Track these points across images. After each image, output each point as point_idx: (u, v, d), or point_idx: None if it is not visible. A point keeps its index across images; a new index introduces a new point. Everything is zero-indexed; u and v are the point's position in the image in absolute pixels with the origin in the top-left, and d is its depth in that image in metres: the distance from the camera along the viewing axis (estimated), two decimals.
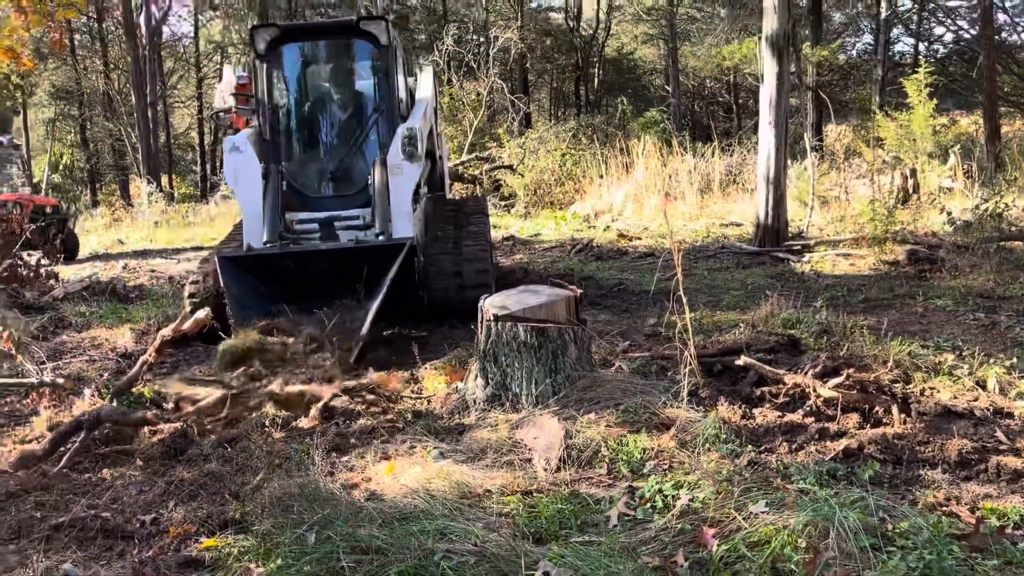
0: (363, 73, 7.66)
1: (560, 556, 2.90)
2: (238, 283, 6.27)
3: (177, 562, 3.07)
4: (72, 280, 10.36)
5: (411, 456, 3.93)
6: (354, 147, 7.44)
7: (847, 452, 3.70)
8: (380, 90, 7.43)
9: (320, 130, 7.79)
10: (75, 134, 34.72)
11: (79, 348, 6.90)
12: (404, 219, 6.79)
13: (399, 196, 6.81)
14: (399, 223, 6.76)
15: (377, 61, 7.40)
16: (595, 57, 33.58)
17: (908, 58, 32.35)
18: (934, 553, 2.72)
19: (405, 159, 6.80)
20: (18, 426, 4.89)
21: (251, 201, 6.90)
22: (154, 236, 18.51)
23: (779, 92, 10.33)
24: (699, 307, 6.84)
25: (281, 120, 7.45)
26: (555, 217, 15.46)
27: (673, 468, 3.61)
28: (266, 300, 6.38)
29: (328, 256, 6.41)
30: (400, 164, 6.81)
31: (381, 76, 7.41)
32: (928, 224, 10.51)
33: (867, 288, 7.73)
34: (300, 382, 4.96)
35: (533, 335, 4.46)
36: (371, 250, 6.35)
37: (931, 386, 4.50)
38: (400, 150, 6.80)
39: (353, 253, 6.36)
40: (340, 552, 2.95)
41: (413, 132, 6.85)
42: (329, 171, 7.37)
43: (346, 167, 7.40)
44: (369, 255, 6.30)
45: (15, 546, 3.26)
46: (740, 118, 31.83)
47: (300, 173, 7.42)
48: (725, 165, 16.67)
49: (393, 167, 6.82)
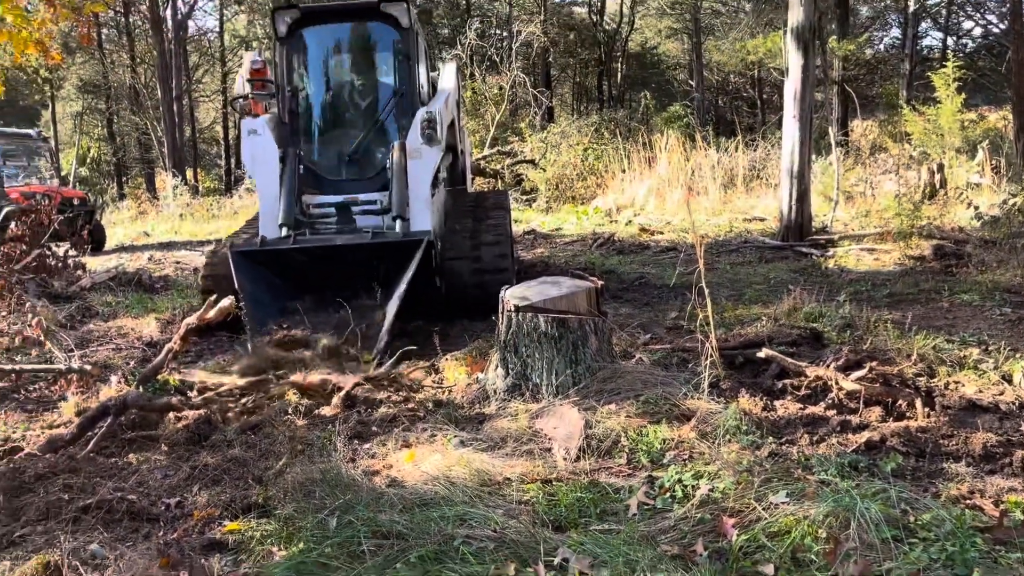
0: (384, 56, 7.58)
1: (579, 543, 2.91)
2: (252, 279, 6.19)
3: (201, 544, 3.11)
4: (99, 271, 10.49)
5: (432, 444, 3.95)
6: (373, 130, 7.36)
7: (869, 444, 3.68)
8: (400, 73, 7.35)
9: (339, 112, 7.70)
10: (102, 127, 35.15)
11: (106, 337, 7.00)
12: (422, 206, 6.69)
13: (417, 181, 6.71)
14: (417, 210, 6.66)
15: (398, 44, 7.31)
16: (618, 51, 33.46)
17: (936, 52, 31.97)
18: (957, 545, 2.70)
19: (424, 143, 6.71)
20: (47, 411, 4.98)
21: (268, 184, 6.86)
22: (179, 228, 18.71)
23: (804, 86, 10.24)
24: (721, 301, 6.82)
25: (300, 102, 7.40)
26: (577, 212, 15.44)
27: (693, 458, 3.60)
28: (281, 295, 6.32)
29: (344, 251, 6.32)
30: (419, 148, 6.73)
31: (402, 59, 7.33)
32: (955, 219, 10.39)
33: (892, 283, 7.66)
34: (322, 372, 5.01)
35: (554, 326, 4.46)
36: (388, 246, 6.27)
37: (956, 380, 4.46)
38: (419, 134, 6.72)
39: (369, 248, 6.28)
40: (361, 536, 2.98)
41: (432, 116, 6.76)
42: (347, 153, 7.28)
43: (364, 150, 7.31)
44: (386, 250, 6.23)
45: (43, 526, 3.32)
46: (764, 113, 31.60)
47: (318, 155, 7.36)
48: (749, 160, 16.57)
49: (412, 151, 6.73)
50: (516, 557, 2.82)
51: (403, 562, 2.81)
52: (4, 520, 3.36)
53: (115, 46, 33.60)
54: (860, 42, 25.35)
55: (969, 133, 16.86)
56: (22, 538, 3.25)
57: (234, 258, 6.19)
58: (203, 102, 37.31)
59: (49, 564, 2.93)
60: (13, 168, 15.55)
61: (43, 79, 30.52)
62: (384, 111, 7.33)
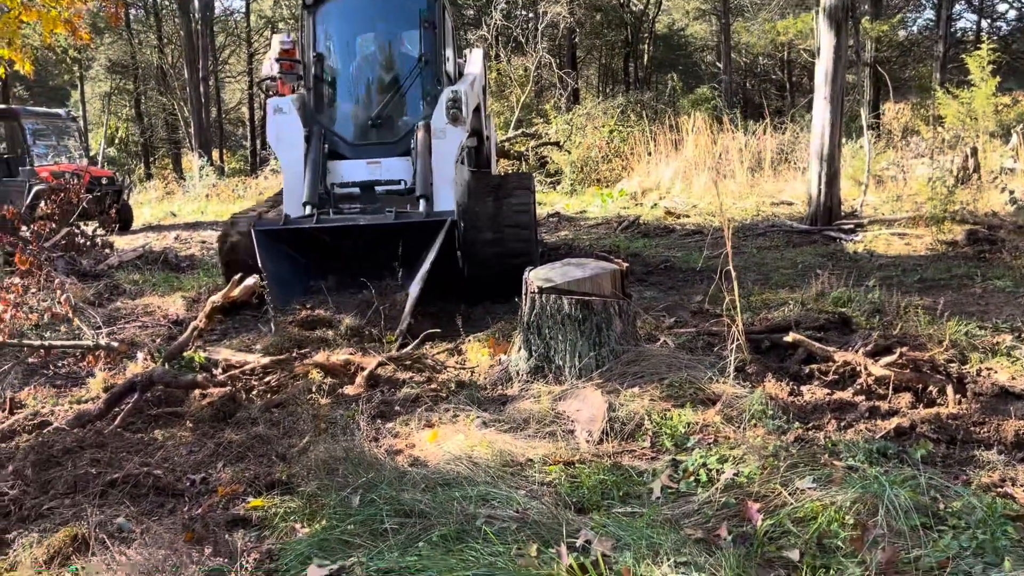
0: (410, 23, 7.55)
1: (602, 525, 2.89)
2: (274, 258, 6.20)
3: (225, 520, 3.13)
4: (126, 249, 10.60)
5: (454, 424, 3.95)
6: (396, 95, 7.36)
7: (899, 431, 3.62)
8: (425, 40, 7.32)
9: (363, 78, 7.69)
10: (130, 108, 35.45)
11: (132, 314, 7.07)
12: (447, 186, 6.65)
13: (441, 160, 6.68)
14: (441, 190, 6.63)
15: (424, 12, 7.29)
16: (645, 33, 33.10)
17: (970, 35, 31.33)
18: (987, 533, 2.65)
19: (449, 122, 6.69)
20: (75, 387, 5.04)
21: (292, 162, 6.87)
22: (205, 209, 18.85)
23: (835, 66, 10.05)
24: (748, 285, 6.74)
25: (326, 70, 7.42)
26: (601, 194, 15.34)
27: (718, 443, 3.57)
28: (304, 275, 6.33)
29: (367, 230, 6.31)
30: (444, 127, 6.71)
31: (427, 26, 7.28)
32: (989, 204, 10.19)
33: (923, 268, 7.54)
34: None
35: (578, 308, 4.43)
36: (411, 226, 6.26)
37: (988, 367, 4.37)
38: (444, 113, 6.69)
39: (393, 228, 6.26)
40: (384, 514, 2.98)
41: (458, 95, 6.71)
42: (371, 118, 7.25)
43: (388, 116, 7.30)
44: (409, 230, 6.21)
45: (71, 500, 3.36)
46: (793, 96, 31.18)
47: (341, 120, 7.37)
48: (776, 143, 16.33)
49: (436, 130, 6.71)
50: (538, 538, 2.81)
51: (425, 541, 2.81)
52: (33, 493, 3.41)
53: (143, 26, 33.82)
54: (893, 23, 24.87)
55: (1003, 117, 16.55)
56: (50, 510, 3.29)
57: (257, 237, 6.18)
58: (229, 83, 37.48)
59: (77, 536, 2.97)
60: (43, 147, 15.70)
61: (72, 59, 30.79)
62: (409, 78, 7.33)
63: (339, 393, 4.55)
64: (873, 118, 19.49)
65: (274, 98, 7.05)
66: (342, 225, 6.37)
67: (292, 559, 2.81)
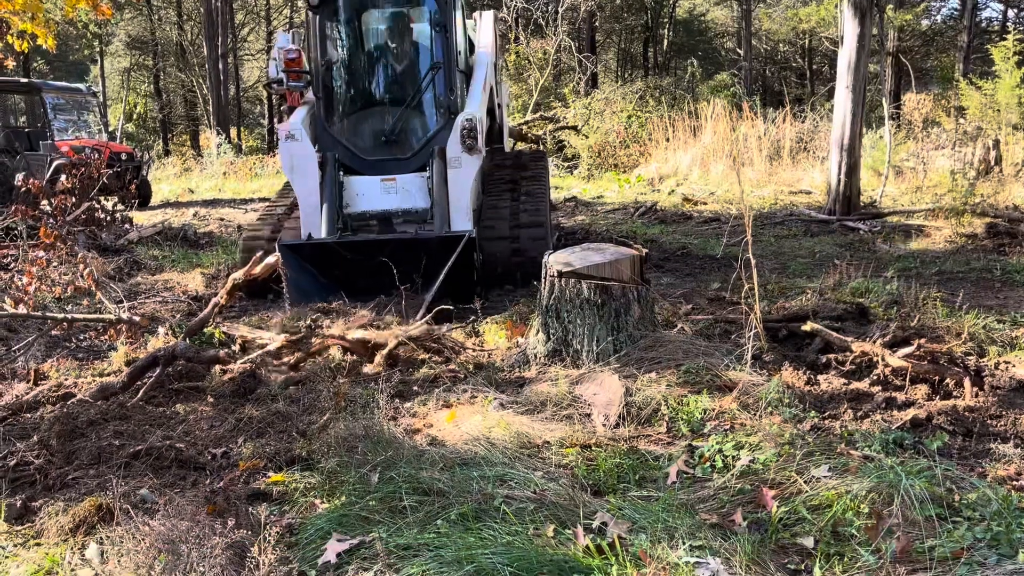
0: (420, 28, 7.39)
1: (618, 508, 2.92)
2: (296, 269, 6.23)
3: (246, 494, 3.18)
4: (145, 225, 10.70)
5: (472, 405, 3.98)
6: (410, 106, 7.21)
7: (915, 422, 3.62)
8: (438, 43, 7.16)
9: (375, 87, 7.55)
10: (149, 84, 35.56)
11: (152, 290, 7.15)
12: (463, 214, 6.72)
13: (458, 188, 6.73)
14: (457, 218, 6.70)
15: (435, 15, 7.14)
16: (665, 18, 32.86)
17: (995, 25, 30.91)
18: (1002, 525, 2.66)
19: (464, 151, 6.69)
20: (97, 359, 5.11)
21: (308, 192, 6.81)
22: (222, 186, 18.94)
23: (859, 55, 9.96)
24: (765, 273, 6.73)
25: (335, 76, 7.26)
26: (619, 179, 15.31)
27: (734, 429, 3.58)
28: (324, 289, 6.34)
29: (387, 246, 6.29)
30: (459, 156, 6.70)
31: (440, 29, 7.13)
32: (1010, 197, 10.11)
33: (942, 260, 7.50)
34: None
35: (597, 292, 4.45)
36: (430, 241, 6.30)
37: (1006, 360, 4.36)
38: (460, 142, 6.68)
39: (412, 244, 6.31)
40: (403, 492, 3.02)
41: (473, 123, 6.68)
42: (385, 131, 7.14)
43: (402, 127, 7.18)
44: (428, 246, 6.25)
45: (95, 470, 3.42)
46: (813, 84, 30.90)
47: (354, 133, 7.20)
48: (796, 132, 16.23)
49: (452, 159, 6.71)
50: (555, 519, 2.84)
51: (444, 519, 2.85)
52: (58, 463, 3.47)
53: (163, 2, 33.83)
54: (917, 12, 24.58)
55: None
56: (75, 480, 3.35)
57: (282, 251, 6.08)
58: (248, 60, 37.50)
59: (101, 506, 3.03)
60: (63, 122, 15.81)
61: (92, 34, 30.87)
62: (421, 87, 7.19)
63: (358, 372, 4.60)
64: (894, 108, 19.32)
65: (285, 122, 6.95)
66: (363, 240, 6.50)
67: (312, 533, 2.85)
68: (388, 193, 6.89)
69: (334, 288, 6.27)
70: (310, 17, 7.19)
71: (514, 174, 7.74)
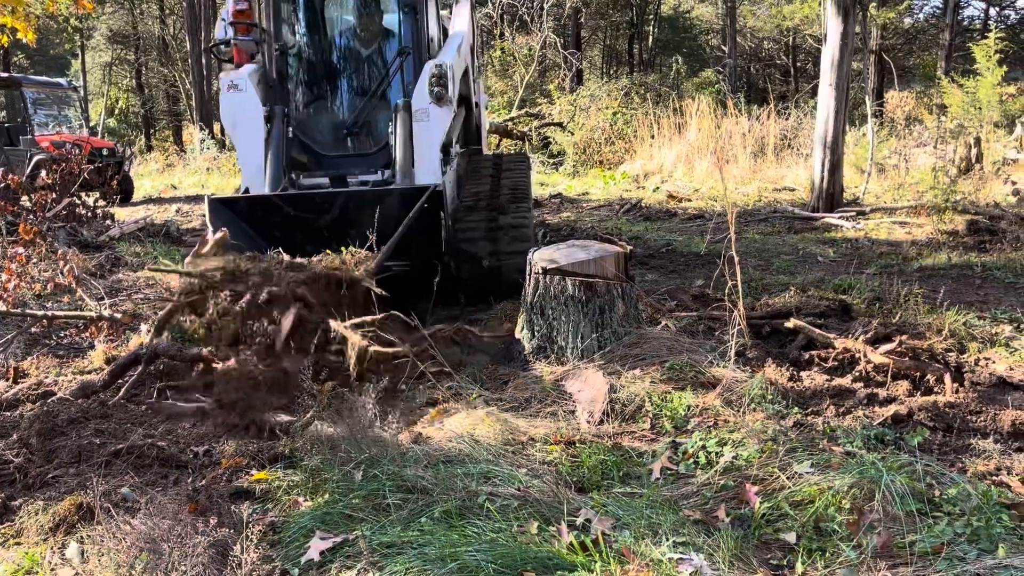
0: (389, 9, 6.64)
1: (602, 505, 2.93)
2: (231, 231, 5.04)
3: (229, 492, 3.17)
4: (127, 221, 10.59)
5: (456, 402, 3.98)
6: (375, 97, 6.39)
7: (896, 418, 3.65)
8: (407, 28, 6.40)
9: (336, 76, 6.64)
10: (131, 79, 35.23)
11: (134, 286, 7.08)
12: (428, 174, 5.82)
13: (424, 146, 5.84)
14: (422, 177, 5.81)
15: None
16: (651, 15, 32.91)
17: (977, 23, 31.17)
18: (982, 521, 2.69)
19: (433, 102, 5.79)
20: (77, 357, 5.06)
21: (250, 147, 5.95)
22: (206, 182, 18.79)
23: (842, 53, 10.02)
24: (749, 270, 6.76)
25: (291, 63, 6.44)
26: (604, 176, 15.32)
27: (717, 426, 3.60)
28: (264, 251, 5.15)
29: (337, 201, 5.46)
30: (426, 108, 5.80)
31: (408, 12, 6.39)
32: (991, 195, 10.20)
33: (923, 257, 7.55)
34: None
35: (581, 289, 4.45)
36: (388, 194, 5.45)
37: (986, 356, 4.40)
38: (427, 91, 5.78)
39: (367, 198, 5.43)
40: (386, 490, 3.02)
41: (443, 70, 5.79)
42: (346, 125, 6.36)
43: (366, 120, 6.37)
44: (385, 200, 5.35)
45: (76, 469, 3.40)
46: (797, 81, 31.05)
47: (311, 126, 6.41)
48: (780, 129, 16.29)
49: (418, 112, 5.81)
50: (539, 516, 2.85)
51: (428, 516, 2.84)
52: (38, 462, 3.44)
53: None
54: (900, 10, 24.72)
55: (1008, 107, 16.48)
56: (55, 479, 3.33)
57: (211, 206, 5.34)
58: None
59: (82, 505, 3.01)
60: (43, 116, 15.65)
61: (73, 28, 30.56)
62: (388, 76, 6.41)
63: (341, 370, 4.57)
64: (877, 106, 19.44)
65: (228, 73, 6.07)
66: (309, 194, 5.59)
67: (295, 531, 2.85)
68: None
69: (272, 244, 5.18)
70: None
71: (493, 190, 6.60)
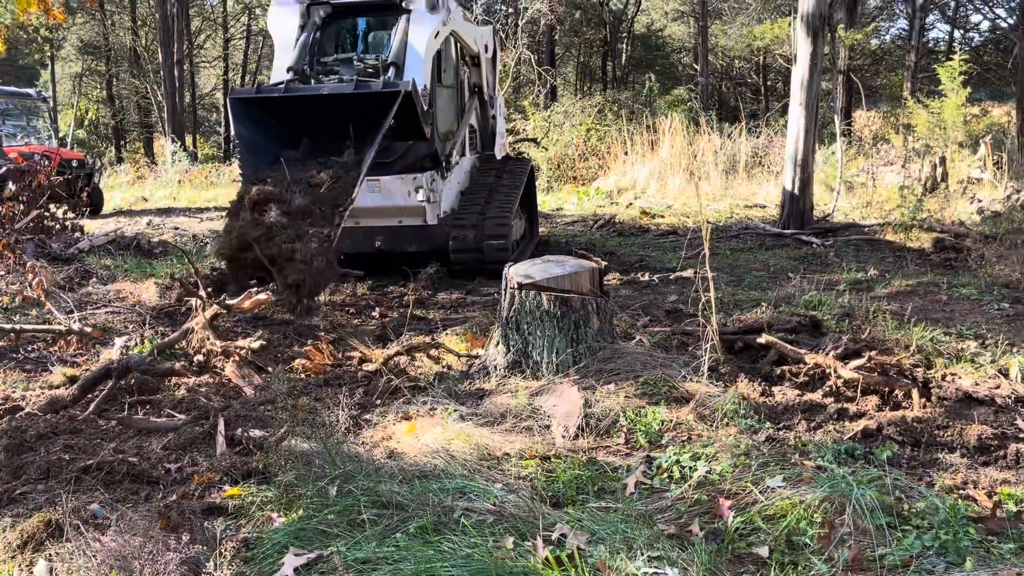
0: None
1: (577, 519, 2.94)
2: (248, 126, 6.70)
3: (201, 508, 3.13)
4: (97, 234, 10.45)
5: (431, 417, 3.97)
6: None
7: (866, 433, 3.71)
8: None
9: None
10: (101, 90, 34.83)
11: (104, 300, 6.99)
12: (417, 61, 7.20)
13: (416, 39, 7.27)
14: (411, 64, 7.17)
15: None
16: (624, 32, 33.22)
17: (942, 45, 31.86)
18: (950, 534, 2.73)
19: (427, 9, 7.37)
20: (45, 371, 4.98)
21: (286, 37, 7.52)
22: (177, 195, 18.64)
23: (811, 73, 10.20)
24: (721, 286, 6.83)
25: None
26: (578, 192, 15.42)
27: (691, 440, 3.63)
28: (275, 142, 6.75)
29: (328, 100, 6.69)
30: (422, 12, 7.37)
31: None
32: (956, 213, 10.41)
33: (891, 274, 7.69)
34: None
35: (556, 304, 4.47)
36: (368, 96, 6.57)
37: (952, 372, 4.48)
38: (424, 2, 7.35)
39: (351, 97, 6.59)
40: (361, 506, 3.00)
41: None
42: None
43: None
44: (366, 100, 6.56)
45: (44, 485, 3.34)
46: (768, 100, 31.47)
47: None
48: (751, 147, 16.53)
49: (414, 15, 7.36)
50: (515, 531, 2.85)
51: (403, 532, 2.83)
52: (5, 478, 3.38)
53: (116, 7, 33.23)
54: (867, 32, 25.18)
55: (972, 127, 16.87)
56: (23, 496, 3.27)
57: (232, 104, 6.67)
58: (204, 68, 36.98)
59: (51, 522, 2.95)
60: (11, 127, 15.44)
61: (43, 38, 30.21)
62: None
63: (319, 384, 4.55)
64: (845, 125, 19.78)
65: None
66: (304, 94, 6.82)
67: (269, 548, 2.82)
68: (371, 192, 7.31)
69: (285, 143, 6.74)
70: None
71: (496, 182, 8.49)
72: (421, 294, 7.02)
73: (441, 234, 7.67)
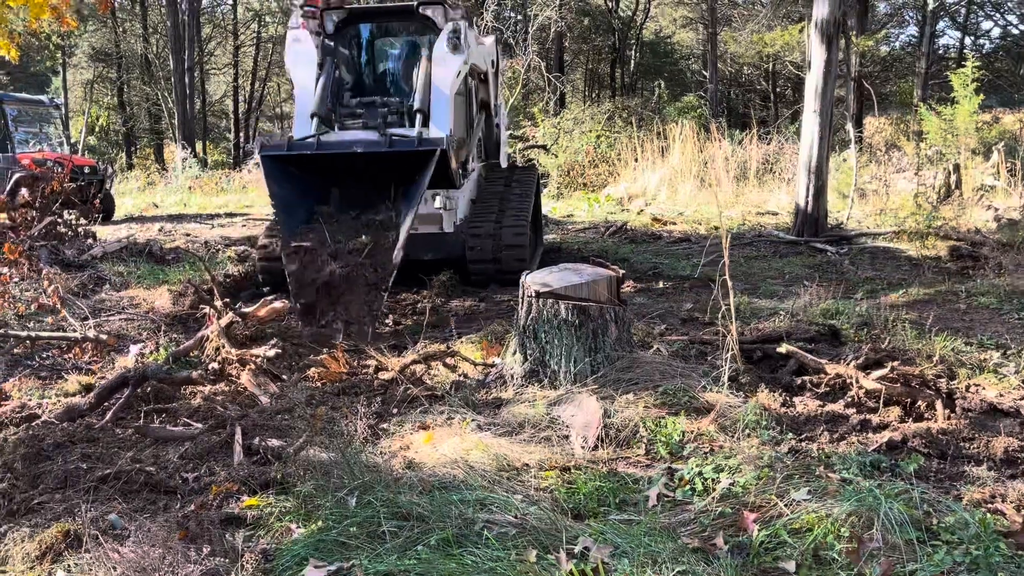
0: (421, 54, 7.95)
1: (600, 532, 2.90)
2: (281, 182, 6.75)
3: (219, 518, 3.10)
4: (109, 240, 10.48)
5: (449, 427, 3.94)
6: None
7: (890, 444, 3.66)
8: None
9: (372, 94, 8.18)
10: (112, 96, 34.96)
11: (118, 306, 6.99)
12: (443, 107, 7.24)
13: (440, 83, 7.32)
14: (437, 111, 7.22)
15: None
16: (632, 39, 33.21)
17: (952, 52, 31.76)
18: (981, 549, 2.69)
19: (449, 50, 7.33)
20: (60, 379, 4.97)
21: (305, 80, 7.51)
22: (188, 201, 18.68)
23: (826, 80, 10.14)
24: (737, 294, 6.77)
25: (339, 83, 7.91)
26: (588, 199, 15.38)
27: (713, 452, 3.59)
28: (308, 197, 6.88)
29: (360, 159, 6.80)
30: (444, 54, 7.34)
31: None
32: (971, 221, 10.33)
33: (907, 283, 7.62)
34: None
35: (574, 313, 4.44)
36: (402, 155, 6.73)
37: (976, 383, 4.43)
38: (446, 43, 7.35)
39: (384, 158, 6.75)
40: (381, 517, 2.97)
41: (458, 27, 7.36)
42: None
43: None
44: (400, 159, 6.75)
45: (62, 495, 3.32)
46: (777, 106, 31.42)
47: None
48: (762, 153, 16.46)
49: (437, 57, 7.36)
50: (537, 544, 2.81)
51: (424, 544, 2.80)
52: (22, 487, 3.36)
53: (127, 15, 33.40)
54: (878, 38, 25.11)
55: (984, 134, 16.75)
56: (40, 505, 3.25)
57: (264, 163, 6.73)
58: (214, 75, 37.11)
59: (69, 532, 2.94)
60: (24, 134, 15.48)
61: (55, 46, 30.36)
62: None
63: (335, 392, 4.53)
64: (857, 132, 19.70)
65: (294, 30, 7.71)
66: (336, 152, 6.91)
67: (289, 559, 2.79)
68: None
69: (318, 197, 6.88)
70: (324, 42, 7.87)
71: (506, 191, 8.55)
72: (435, 301, 7.00)
73: (456, 242, 7.75)
